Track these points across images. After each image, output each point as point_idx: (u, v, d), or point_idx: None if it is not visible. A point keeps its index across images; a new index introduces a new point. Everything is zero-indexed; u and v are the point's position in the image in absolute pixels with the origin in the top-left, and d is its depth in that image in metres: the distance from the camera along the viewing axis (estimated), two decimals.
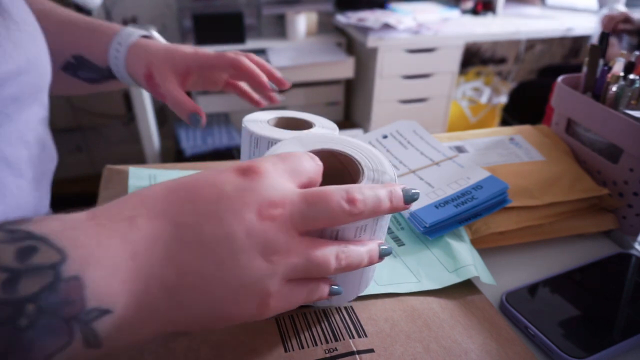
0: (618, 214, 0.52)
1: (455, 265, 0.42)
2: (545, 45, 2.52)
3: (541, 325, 0.38)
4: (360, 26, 1.91)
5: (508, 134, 0.61)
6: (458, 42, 1.95)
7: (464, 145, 0.58)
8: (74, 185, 2.00)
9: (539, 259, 0.48)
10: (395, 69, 1.95)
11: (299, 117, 0.48)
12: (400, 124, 0.58)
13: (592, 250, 0.49)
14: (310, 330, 0.34)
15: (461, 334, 0.36)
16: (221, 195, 0.25)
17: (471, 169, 0.50)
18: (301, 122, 0.48)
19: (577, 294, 0.42)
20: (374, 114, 2.03)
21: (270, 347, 0.32)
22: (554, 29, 2.04)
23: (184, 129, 1.98)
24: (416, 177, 0.50)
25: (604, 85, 0.54)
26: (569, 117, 0.58)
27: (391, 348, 0.33)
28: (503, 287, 0.43)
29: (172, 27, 2.10)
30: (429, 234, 0.44)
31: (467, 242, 0.45)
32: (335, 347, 0.32)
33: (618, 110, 0.51)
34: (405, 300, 0.38)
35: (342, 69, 1.97)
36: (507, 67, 2.56)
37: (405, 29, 1.90)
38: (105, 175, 0.54)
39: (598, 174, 0.54)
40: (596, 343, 0.37)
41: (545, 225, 0.49)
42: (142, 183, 0.51)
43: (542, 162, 0.55)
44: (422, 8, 2.12)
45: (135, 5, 2.02)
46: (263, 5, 2.02)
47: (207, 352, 0.32)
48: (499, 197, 0.46)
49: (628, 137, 0.49)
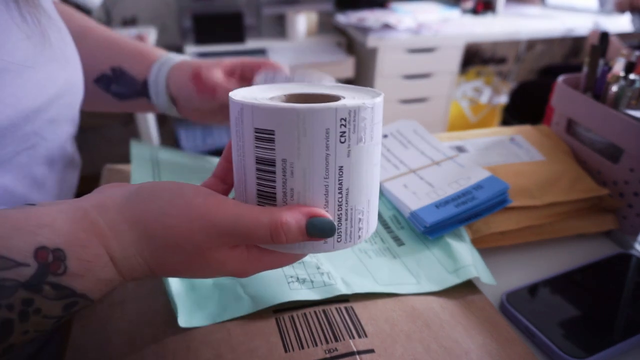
0: (618, 214, 0.52)
1: (455, 266, 0.42)
2: (545, 45, 2.52)
3: (541, 325, 0.38)
4: (360, 26, 1.90)
5: (508, 134, 0.61)
6: (458, 42, 1.94)
7: (464, 145, 0.58)
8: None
9: (539, 259, 0.48)
10: (395, 69, 1.95)
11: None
12: (401, 123, 0.58)
13: (592, 251, 0.49)
14: (310, 330, 0.34)
15: (461, 334, 0.36)
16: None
17: (471, 169, 0.50)
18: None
19: (577, 294, 0.42)
20: None
21: (270, 347, 0.32)
22: (554, 29, 2.03)
23: (184, 129, 1.98)
24: (416, 177, 0.50)
25: (604, 85, 0.54)
26: (569, 117, 0.58)
27: (391, 348, 0.33)
28: (503, 287, 0.43)
29: (172, 27, 2.10)
30: (429, 234, 0.44)
31: (467, 242, 0.45)
32: (335, 347, 0.32)
33: (618, 110, 0.51)
34: (405, 300, 0.38)
35: (342, 69, 1.97)
36: (507, 67, 2.56)
37: (405, 29, 1.90)
38: (105, 175, 0.54)
39: (598, 174, 0.54)
40: (596, 343, 0.37)
41: (546, 225, 0.49)
42: (145, 168, 0.49)
43: (543, 162, 0.55)
44: (422, 8, 2.12)
45: (135, 5, 2.02)
46: (263, 5, 2.02)
47: (207, 352, 0.32)
48: (500, 197, 0.46)
49: (628, 137, 0.49)
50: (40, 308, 0.25)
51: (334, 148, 0.27)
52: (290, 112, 0.26)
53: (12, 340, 0.24)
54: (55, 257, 0.25)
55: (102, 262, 0.26)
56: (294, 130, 0.26)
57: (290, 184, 0.27)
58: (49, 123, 0.39)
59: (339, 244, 0.29)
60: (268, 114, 0.26)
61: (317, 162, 0.27)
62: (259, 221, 0.27)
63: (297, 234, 0.27)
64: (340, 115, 0.26)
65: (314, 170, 0.27)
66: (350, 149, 0.27)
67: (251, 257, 0.29)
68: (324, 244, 0.29)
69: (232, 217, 0.27)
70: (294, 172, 0.27)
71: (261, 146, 0.27)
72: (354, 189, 0.28)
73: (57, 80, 0.39)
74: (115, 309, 0.35)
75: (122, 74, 0.51)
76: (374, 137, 0.28)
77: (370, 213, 0.30)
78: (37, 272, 0.24)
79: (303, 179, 0.27)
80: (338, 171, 0.27)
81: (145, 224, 0.27)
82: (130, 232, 0.27)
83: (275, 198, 0.28)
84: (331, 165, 0.27)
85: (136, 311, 0.35)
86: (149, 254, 0.27)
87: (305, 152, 0.26)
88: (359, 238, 0.30)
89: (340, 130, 0.26)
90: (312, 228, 0.27)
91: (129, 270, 0.27)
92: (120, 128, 2.20)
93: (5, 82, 0.34)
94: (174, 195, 0.27)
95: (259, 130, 0.27)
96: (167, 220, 0.27)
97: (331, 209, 0.28)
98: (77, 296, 0.26)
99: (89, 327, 0.34)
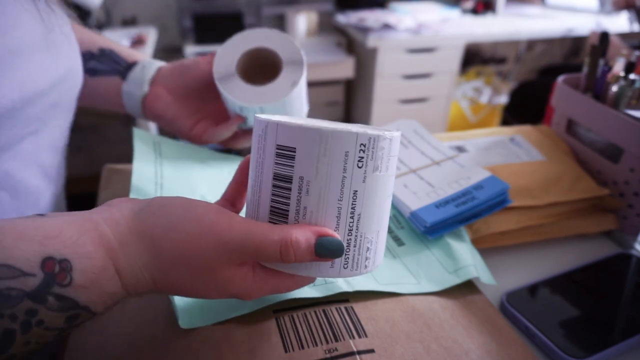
0: (618, 214, 0.52)
1: (455, 266, 0.42)
2: (545, 45, 2.52)
3: (541, 325, 0.38)
4: (360, 26, 1.91)
5: (508, 134, 0.61)
6: (458, 42, 1.94)
7: (464, 145, 0.58)
8: (73, 186, 1.99)
9: (539, 259, 0.48)
10: (395, 69, 1.95)
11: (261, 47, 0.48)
12: (401, 123, 0.58)
13: (593, 251, 0.49)
14: (310, 330, 0.34)
15: (461, 334, 0.36)
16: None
17: (472, 169, 0.50)
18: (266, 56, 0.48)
19: (578, 294, 0.42)
20: (374, 114, 2.03)
21: (270, 347, 0.32)
22: (554, 29, 2.03)
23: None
24: (417, 177, 0.50)
25: (604, 85, 0.54)
26: (570, 117, 0.58)
27: (391, 348, 0.33)
28: (503, 287, 0.43)
29: (172, 27, 2.10)
30: (429, 234, 0.44)
31: (467, 242, 0.45)
32: (336, 347, 0.32)
33: (618, 110, 0.51)
34: (405, 300, 0.38)
35: (342, 69, 1.97)
36: (507, 67, 2.56)
37: (405, 29, 1.90)
38: (104, 175, 0.54)
39: (598, 174, 0.54)
40: (596, 343, 0.37)
41: (546, 225, 0.49)
42: (147, 154, 0.48)
43: (543, 162, 0.55)
44: (422, 8, 2.12)
45: (135, 5, 2.02)
46: (263, 5, 2.02)
47: (207, 352, 0.32)
48: (500, 197, 0.46)
49: (628, 137, 0.49)
50: (43, 319, 0.24)
51: (351, 171, 0.27)
52: (313, 132, 0.27)
53: (13, 351, 0.24)
54: (61, 268, 0.25)
55: (108, 274, 0.26)
56: (315, 149, 0.27)
57: (305, 202, 0.28)
58: (51, 107, 0.39)
59: (345, 270, 0.29)
60: (291, 132, 0.27)
61: (333, 183, 0.27)
62: (268, 238, 0.27)
63: (306, 252, 0.27)
64: (360, 140, 0.27)
65: (329, 191, 0.27)
66: (366, 175, 0.28)
67: (256, 278, 0.29)
68: (330, 268, 0.29)
69: (242, 233, 0.27)
70: (309, 190, 0.28)
71: (281, 162, 0.28)
72: (365, 216, 0.29)
73: (60, 65, 0.39)
74: (115, 309, 0.35)
75: (110, 53, 0.51)
76: (389, 168, 0.29)
77: (379, 245, 0.30)
78: (42, 283, 0.24)
79: (318, 198, 0.28)
80: (352, 195, 0.28)
81: (153, 238, 0.27)
82: (137, 245, 0.27)
83: (288, 215, 0.28)
84: (346, 188, 0.28)
85: (136, 311, 0.35)
86: (154, 268, 0.27)
87: (323, 171, 0.27)
88: (366, 268, 0.30)
89: (359, 155, 0.27)
90: (321, 247, 0.27)
91: (134, 285, 0.27)
92: (120, 128, 2.20)
93: (14, 65, 0.34)
94: (185, 210, 0.27)
95: (280, 147, 0.28)
96: (176, 234, 0.27)
97: (341, 232, 0.28)
98: (80, 308, 0.26)
99: (89, 327, 0.34)
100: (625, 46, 1.00)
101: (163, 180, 0.45)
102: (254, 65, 0.49)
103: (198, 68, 0.48)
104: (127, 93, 0.50)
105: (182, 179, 0.46)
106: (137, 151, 0.46)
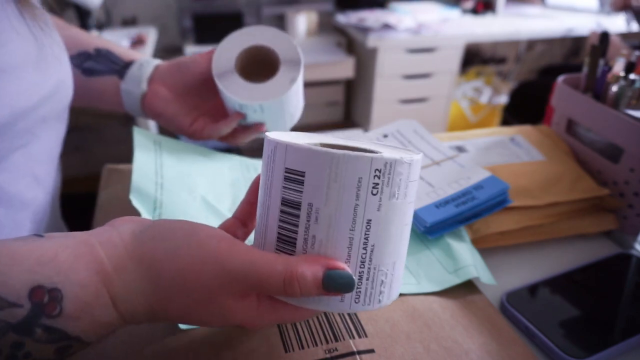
0: (618, 214, 0.52)
1: (455, 266, 0.42)
2: (545, 45, 2.52)
3: (541, 325, 0.38)
4: (360, 26, 1.91)
5: (508, 134, 0.61)
6: (458, 42, 1.95)
7: (464, 145, 0.58)
8: (73, 186, 1.99)
9: (539, 259, 0.48)
10: (395, 69, 1.95)
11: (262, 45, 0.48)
12: (401, 123, 0.58)
13: (593, 251, 0.49)
14: (310, 330, 0.34)
15: (462, 334, 0.36)
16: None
17: (472, 169, 0.50)
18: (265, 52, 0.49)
19: (578, 294, 0.42)
20: (374, 114, 2.03)
21: (270, 347, 0.32)
22: (554, 29, 2.04)
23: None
24: None
25: (604, 85, 0.54)
26: (570, 117, 0.58)
27: (391, 348, 0.33)
28: (503, 287, 0.43)
29: (172, 27, 2.10)
30: (429, 234, 0.44)
31: (467, 242, 0.45)
32: (336, 347, 0.32)
33: (618, 110, 0.51)
34: (405, 300, 0.38)
35: (342, 69, 1.97)
36: (507, 67, 2.56)
37: (405, 29, 1.90)
38: (104, 175, 0.54)
39: (598, 174, 0.54)
40: (596, 343, 0.37)
41: (546, 225, 0.49)
42: (147, 154, 0.47)
43: (543, 162, 0.55)
44: (422, 8, 2.13)
45: (135, 5, 2.02)
46: (263, 5, 2.02)
47: (207, 352, 0.32)
48: (500, 197, 0.46)
49: (629, 137, 0.49)
50: (30, 352, 0.23)
51: (365, 199, 0.25)
52: (323, 155, 0.25)
53: None
54: (51, 298, 0.23)
55: (102, 302, 0.25)
56: (324, 174, 0.25)
57: (313, 231, 0.26)
58: (41, 121, 0.39)
59: (357, 304, 0.27)
60: (300, 155, 0.25)
61: (344, 211, 0.25)
62: (272, 269, 0.25)
63: (312, 286, 0.25)
64: (375, 165, 0.25)
65: (340, 219, 0.25)
66: (382, 203, 0.26)
67: (261, 308, 0.28)
68: (340, 302, 0.27)
69: (245, 263, 0.25)
70: (319, 218, 0.26)
71: (289, 187, 0.26)
72: (380, 247, 0.26)
73: (50, 80, 0.39)
74: None
75: (107, 53, 0.51)
76: (408, 195, 0.27)
77: (395, 278, 0.28)
78: (30, 314, 0.23)
79: (327, 227, 0.26)
80: (365, 224, 0.26)
81: (152, 262, 0.26)
82: (135, 271, 0.26)
83: (295, 244, 0.27)
84: (359, 216, 0.26)
85: None
86: (152, 293, 0.26)
87: (333, 198, 0.25)
88: (379, 302, 0.28)
89: (374, 181, 0.25)
90: (329, 281, 0.25)
91: (130, 312, 0.26)
92: (119, 128, 2.20)
93: (4, 82, 0.34)
94: (187, 235, 0.26)
95: (289, 170, 0.26)
96: (178, 260, 0.25)
97: (353, 265, 0.26)
98: (71, 339, 0.24)
99: None
100: (625, 46, 1.00)
101: (163, 180, 0.45)
102: (252, 63, 0.49)
103: (196, 65, 0.48)
104: (125, 92, 0.50)
105: (182, 179, 0.46)
106: (137, 151, 0.46)
